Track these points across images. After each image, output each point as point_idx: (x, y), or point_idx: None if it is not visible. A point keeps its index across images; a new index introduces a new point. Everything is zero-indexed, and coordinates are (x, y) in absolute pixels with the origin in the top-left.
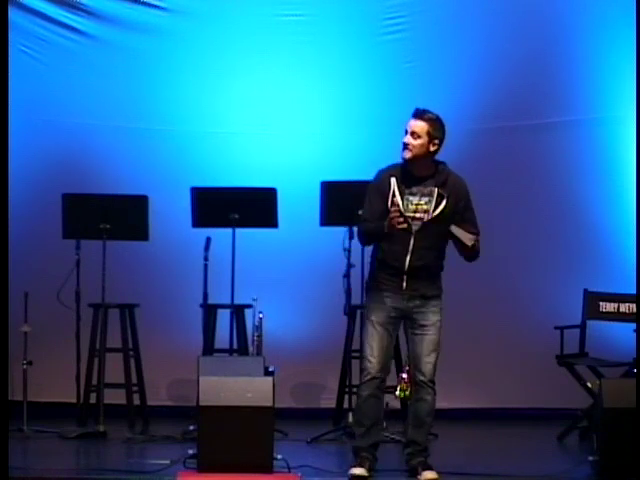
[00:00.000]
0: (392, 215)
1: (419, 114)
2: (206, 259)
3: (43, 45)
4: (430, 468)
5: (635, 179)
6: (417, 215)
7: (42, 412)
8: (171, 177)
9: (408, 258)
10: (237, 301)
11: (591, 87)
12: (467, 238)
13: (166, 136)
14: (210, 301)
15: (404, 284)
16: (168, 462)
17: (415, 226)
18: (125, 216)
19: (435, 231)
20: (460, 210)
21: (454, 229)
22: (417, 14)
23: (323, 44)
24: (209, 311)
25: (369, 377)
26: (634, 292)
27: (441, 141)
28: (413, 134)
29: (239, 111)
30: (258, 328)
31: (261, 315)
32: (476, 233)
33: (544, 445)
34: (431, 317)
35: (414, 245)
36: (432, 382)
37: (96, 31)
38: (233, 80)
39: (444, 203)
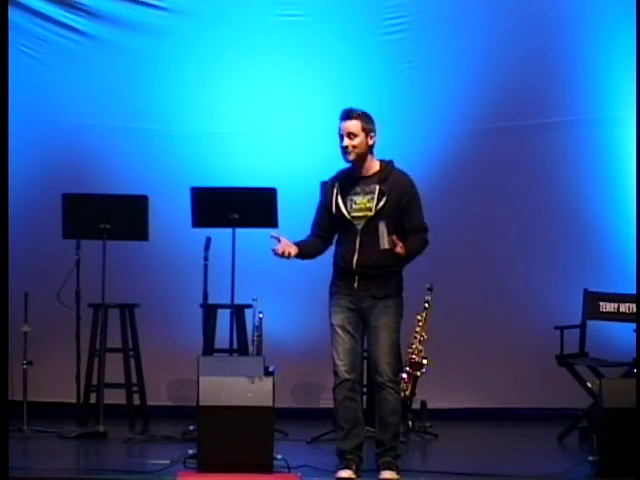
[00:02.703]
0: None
1: (348, 114)
2: (206, 259)
3: (43, 45)
4: (391, 468)
5: (635, 179)
6: (360, 214)
7: (42, 412)
8: (171, 177)
9: (355, 257)
10: (237, 301)
11: (591, 87)
12: (385, 241)
13: (166, 136)
14: (210, 301)
15: (355, 284)
16: (168, 462)
17: (359, 225)
18: (125, 216)
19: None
20: (403, 206)
21: (381, 225)
22: (417, 14)
23: (323, 44)
24: (209, 311)
25: (340, 380)
26: (634, 292)
27: (375, 132)
28: (350, 135)
29: (239, 111)
30: (258, 328)
31: (261, 315)
32: (418, 229)
33: (544, 445)
34: (382, 318)
35: (360, 244)
36: (392, 382)
37: (96, 31)
38: (233, 80)
39: (384, 199)
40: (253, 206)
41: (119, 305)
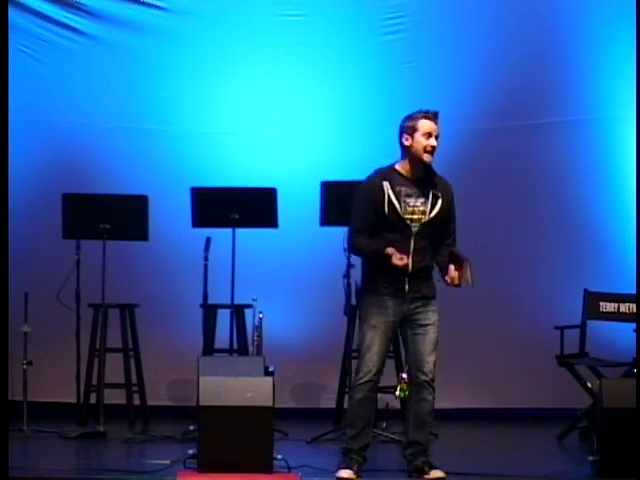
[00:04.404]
0: (400, 263)
1: (437, 116)
2: (206, 259)
3: (43, 45)
4: (436, 467)
5: (635, 179)
6: (415, 217)
7: (42, 412)
8: (171, 177)
9: (411, 260)
10: (237, 301)
11: (591, 87)
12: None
13: (166, 136)
14: (210, 301)
15: (406, 287)
16: (168, 462)
17: (414, 228)
18: (125, 216)
19: (430, 232)
20: (450, 212)
21: (468, 266)
22: (417, 14)
23: (323, 44)
24: (209, 311)
25: (366, 380)
26: (634, 292)
27: None
28: (437, 137)
29: (239, 111)
30: (258, 328)
31: (261, 315)
32: (453, 236)
33: (544, 445)
34: (431, 316)
35: (414, 247)
36: (433, 381)
37: (96, 31)
38: (233, 80)
39: (439, 204)
40: (253, 206)
41: (119, 305)
